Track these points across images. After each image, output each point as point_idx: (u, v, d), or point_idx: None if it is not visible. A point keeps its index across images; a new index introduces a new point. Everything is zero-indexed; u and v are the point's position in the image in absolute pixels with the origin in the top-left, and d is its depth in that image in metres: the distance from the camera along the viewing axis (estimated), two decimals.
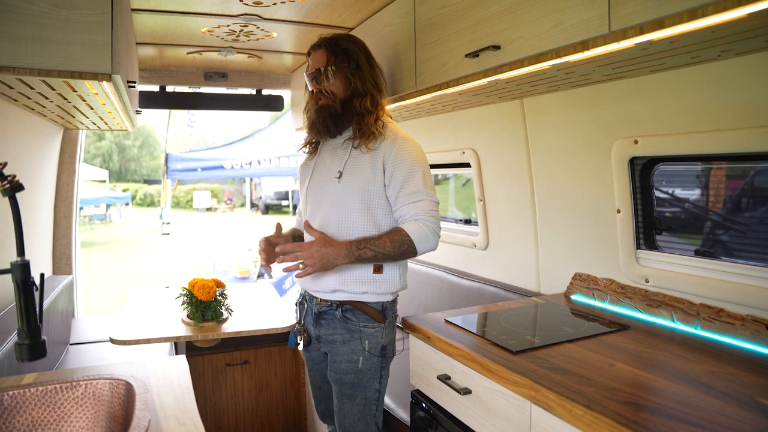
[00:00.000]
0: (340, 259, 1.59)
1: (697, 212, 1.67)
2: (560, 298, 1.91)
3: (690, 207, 1.68)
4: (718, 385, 1.12)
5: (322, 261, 1.58)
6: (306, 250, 1.60)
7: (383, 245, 1.59)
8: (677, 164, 1.66)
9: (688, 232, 1.68)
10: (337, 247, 1.59)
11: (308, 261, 1.59)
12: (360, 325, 1.69)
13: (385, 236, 1.60)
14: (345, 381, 1.70)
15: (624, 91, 1.61)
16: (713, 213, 1.63)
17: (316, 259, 1.58)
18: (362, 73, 1.76)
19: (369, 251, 1.59)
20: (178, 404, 1.10)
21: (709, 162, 1.57)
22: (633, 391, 1.10)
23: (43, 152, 2.69)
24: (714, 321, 1.44)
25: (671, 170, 1.68)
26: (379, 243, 1.59)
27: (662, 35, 1.05)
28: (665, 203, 1.71)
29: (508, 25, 1.40)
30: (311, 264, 1.59)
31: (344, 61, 1.74)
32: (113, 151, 28.79)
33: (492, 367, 1.28)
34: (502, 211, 2.31)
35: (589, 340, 1.43)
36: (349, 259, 1.59)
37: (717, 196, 1.61)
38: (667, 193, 1.71)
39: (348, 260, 1.60)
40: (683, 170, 1.68)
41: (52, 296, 2.23)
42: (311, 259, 1.59)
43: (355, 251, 1.59)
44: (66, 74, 1.48)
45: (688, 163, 1.65)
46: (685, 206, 1.69)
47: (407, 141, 1.71)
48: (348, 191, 1.68)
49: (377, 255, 1.60)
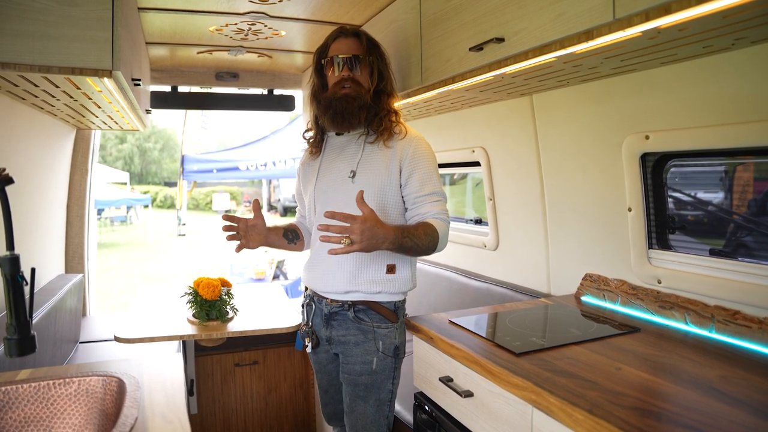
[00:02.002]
0: (387, 243, 1.43)
1: (717, 212, 1.60)
2: (570, 300, 1.85)
3: (710, 208, 1.61)
4: (730, 391, 1.06)
5: (371, 240, 1.39)
6: (357, 224, 1.37)
7: (419, 237, 1.52)
8: (693, 161, 1.60)
9: (707, 234, 1.61)
10: (387, 230, 1.43)
11: (356, 236, 1.37)
12: (374, 325, 1.65)
13: (420, 228, 1.54)
14: (359, 382, 1.65)
15: (635, 84, 1.56)
16: (735, 214, 1.56)
17: (366, 236, 1.38)
18: (388, 70, 1.75)
19: (410, 241, 1.50)
20: (168, 402, 1.08)
21: (725, 158, 1.50)
22: (639, 396, 1.04)
23: (54, 152, 2.72)
24: (729, 324, 1.37)
25: (688, 170, 1.62)
26: (417, 234, 1.52)
27: (669, 21, 1.00)
28: (687, 205, 1.64)
29: (512, 17, 1.36)
30: (359, 240, 1.37)
31: (377, 56, 1.72)
32: (135, 154, 29.31)
33: (493, 369, 1.23)
34: (511, 211, 2.26)
35: (596, 343, 1.37)
36: (394, 245, 1.46)
37: (741, 198, 1.54)
38: (686, 193, 1.64)
39: (393, 246, 1.46)
40: (700, 170, 1.62)
41: (60, 294, 2.25)
42: (360, 235, 1.37)
43: (400, 238, 1.46)
44: (67, 70, 1.48)
45: (704, 161, 1.59)
46: (707, 208, 1.62)
47: (422, 141, 1.70)
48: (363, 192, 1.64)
49: (413, 246, 1.51)
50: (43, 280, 2.50)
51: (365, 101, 1.66)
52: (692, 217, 1.64)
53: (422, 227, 1.55)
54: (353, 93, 1.65)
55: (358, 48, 1.69)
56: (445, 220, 1.61)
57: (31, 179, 2.40)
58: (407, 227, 1.53)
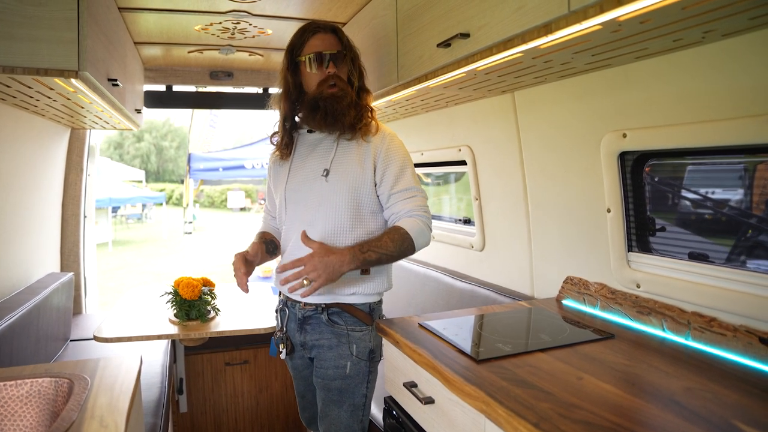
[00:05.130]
0: (345, 265, 1.46)
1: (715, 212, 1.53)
2: (551, 303, 1.80)
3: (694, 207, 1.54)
4: (691, 405, 1.00)
5: (327, 271, 1.44)
6: (308, 263, 1.45)
7: (385, 246, 1.51)
8: (673, 161, 1.53)
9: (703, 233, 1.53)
10: (340, 254, 1.46)
11: (312, 275, 1.44)
12: (348, 328, 1.61)
13: (385, 236, 1.52)
14: (332, 387, 1.62)
15: (611, 80, 1.49)
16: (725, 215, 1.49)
17: (320, 270, 1.43)
18: (362, 67, 1.71)
19: (373, 254, 1.49)
20: (110, 405, 1.07)
21: (703, 156, 1.43)
22: (593, 409, 0.99)
23: (47, 152, 2.74)
24: (705, 331, 1.31)
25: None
26: (381, 244, 1.51)
27: (624, 13, 0.96)
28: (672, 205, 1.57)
29: (476, 11, 1.32)
30: (316, 277, 1.44)
31: (355, 52, 1.68)
32: (151, 152, 29.72)
33: (449, 377, 1.19)
34: (497, 211, 2.20)
35: (564, 350, 1.32)
36: (355, 264, 1.47)
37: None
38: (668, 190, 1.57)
39: (354, 265, 1.47)
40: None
41: (45, 293, 2.26)
42: (315, 272, 1.44)
43: (359, 255, 1.47)
44: (32, 71, 1.48)
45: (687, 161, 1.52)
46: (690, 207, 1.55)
47: (395, 137, 1.67)
48: (337, 190, 1.59)
49: (381, 257, 1.50)
50: (32, 278, 2.52)
51: (353, 99, 1.62)
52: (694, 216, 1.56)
53: (387, 234, 1.52)
54: (340, 92, 1.60)
55: (338, 44, 1.64)
56: (421, 215, 1.57)
57: (22, 179, 2.42)
58: (367, 241, 1.51)
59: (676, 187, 1.56)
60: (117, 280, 9.63)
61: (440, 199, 3.17)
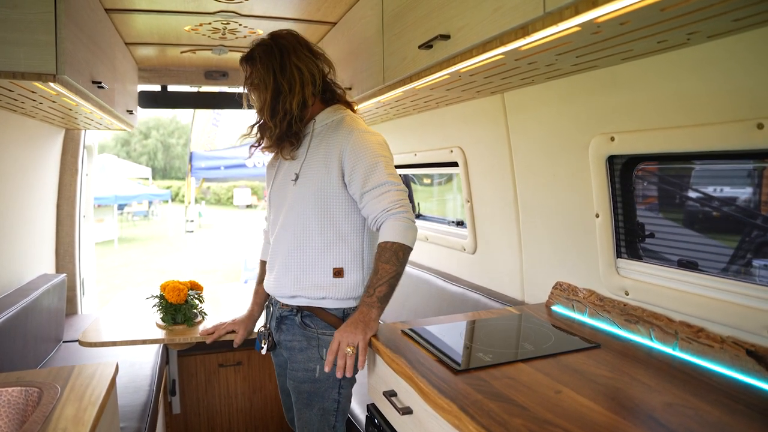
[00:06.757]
0: (367, 315, 1.48)
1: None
2: (541, 309, 1.76)
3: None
4: (669, 422, 0.96)
5: (357, 330, 1.46)
6: (335, 341, 1.48)
7: (385, 272, 1.48)
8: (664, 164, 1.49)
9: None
10: (356, 314, 1.50)
11: (348, 349, 1.46)
12: (318, 332, 1.61)
13: (378, 264, 1.49)
14: (302, 390, 1.62)
15: (599, 82, 1.45)
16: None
17: (350, 337, 1.46)
18: (291, 65, 1.62)
19: (381, 288, 1.48)
20: (76, 416, 1.05)
21: (691, 162, 1.38)
22: (567, 427, 0.96)
23: (40, 153, 2.73)
24: (692, 342, 1.27)
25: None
26: (380, 275, 1.48)
27: (600, 14, 0.92)
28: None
29: (455, 12, 1.28)
30: (353, 340, 1.46)
31: (265, 62, 1.63)
32: (158, 149, 29.87)
33: (424, 389, 1.16)
34: (488, 214, 2.17)
35: (546, 360, 1.28)
36: (374, 308, 1.48)
37: None
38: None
39: (376, 310, 1.48)
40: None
41: (36, 294, 2.25)
42: (346, 340, 1.46)
43: (371, 300, 1.49)
44: (8, 75, 1.46)
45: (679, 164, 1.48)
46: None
47: (365, 133, 1.59)
48: (304, 195, 1.60)
49: (390, 282, 1.49)
50: (24, 279, 2.52)
51: (267, 124, 1.62)
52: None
53: (379, 261, 1.49)
54: (262, 128, 1.66)
55: (247, 74, 1.66)
56: (396, 212, 1.50)
57: (13, 181, 2.41)
58: (368, 284, 1.51)
59: (667, 189, 1.52)
60: (123, 278, 9.68)
61: (443, 199, 3.14)
